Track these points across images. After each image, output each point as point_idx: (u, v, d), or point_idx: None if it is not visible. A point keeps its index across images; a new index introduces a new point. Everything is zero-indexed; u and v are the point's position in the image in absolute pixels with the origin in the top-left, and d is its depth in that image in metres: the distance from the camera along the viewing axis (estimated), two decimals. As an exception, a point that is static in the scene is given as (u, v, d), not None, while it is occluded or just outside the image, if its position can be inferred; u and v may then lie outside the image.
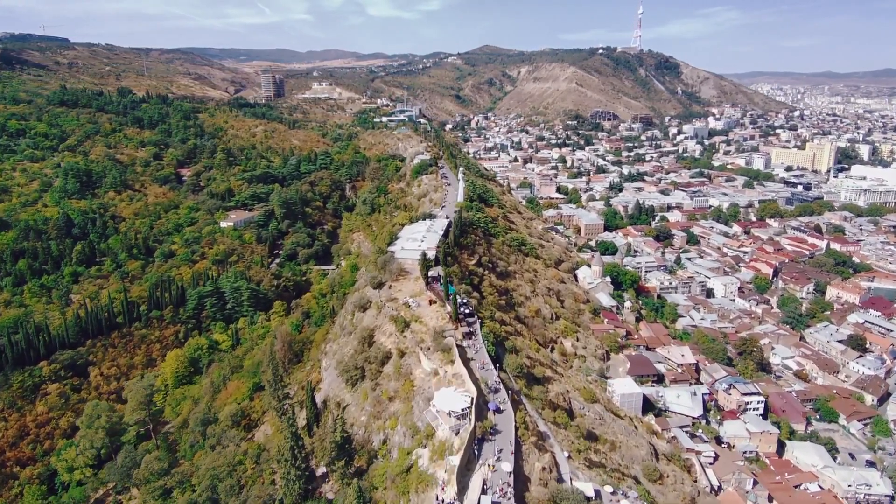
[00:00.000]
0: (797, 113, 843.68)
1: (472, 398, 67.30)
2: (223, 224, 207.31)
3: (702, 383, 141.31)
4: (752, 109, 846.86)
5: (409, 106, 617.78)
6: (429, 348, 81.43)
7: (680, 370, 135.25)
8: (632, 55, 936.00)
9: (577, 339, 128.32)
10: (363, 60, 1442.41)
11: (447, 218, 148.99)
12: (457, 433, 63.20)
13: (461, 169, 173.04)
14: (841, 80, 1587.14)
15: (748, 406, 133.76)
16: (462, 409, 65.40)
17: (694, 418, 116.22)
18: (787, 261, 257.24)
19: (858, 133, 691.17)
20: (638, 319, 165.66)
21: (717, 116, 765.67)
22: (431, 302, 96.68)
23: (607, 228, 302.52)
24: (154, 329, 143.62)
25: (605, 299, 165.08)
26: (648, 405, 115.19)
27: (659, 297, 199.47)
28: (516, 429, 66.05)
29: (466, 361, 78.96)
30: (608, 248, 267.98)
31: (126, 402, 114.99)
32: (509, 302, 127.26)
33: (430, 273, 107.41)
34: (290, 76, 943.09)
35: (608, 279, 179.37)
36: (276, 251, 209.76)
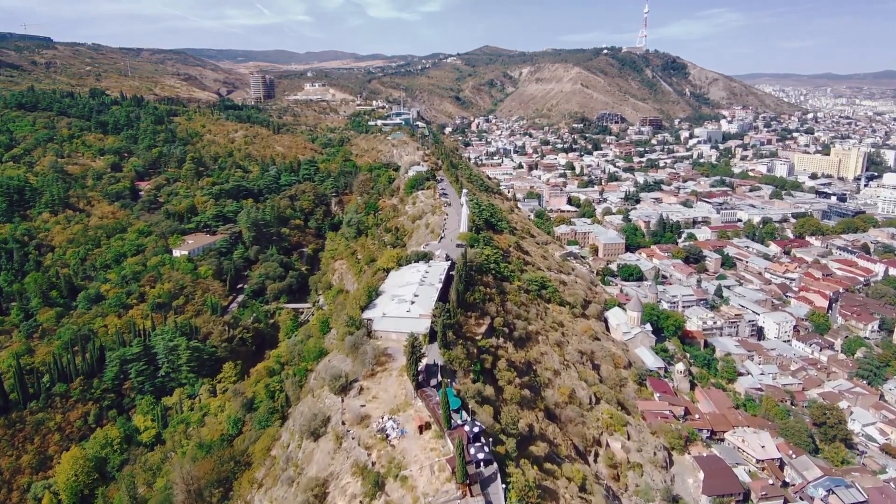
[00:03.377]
0: (811, 115, 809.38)
1: None
2: (176, 253, 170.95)
3: (788, 483, 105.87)
4: (764, 112, 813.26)
5: (407, 108, 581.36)
6: (415, 550, 45.48)
7: (766, 476, 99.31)
8: (637, 55, 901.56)
9: (629, 437, 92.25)
10: (361, 62, 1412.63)
11: (447, 259, 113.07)
12: None
13: (465, 191, 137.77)
14: (842, 82, 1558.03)
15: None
16: None
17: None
18: (841, 290, 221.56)
19: (877, 137, 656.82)
20: (692, 384, 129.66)
21: (729, 119, 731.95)
22: (423, 427, 60.69)
23: (628, 248, 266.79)
24: (56, 411, 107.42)
25: (650, 358, 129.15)
26: (740, 548, 79.42)
27: (706, 343, 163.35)
28: None
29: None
30: (632, 273, 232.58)
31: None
32: (534, 384, 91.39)
33: (423, 361, 71.77)
34: (285, 77, 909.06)
35: (648, 327, 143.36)
36: (240, 284, 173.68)
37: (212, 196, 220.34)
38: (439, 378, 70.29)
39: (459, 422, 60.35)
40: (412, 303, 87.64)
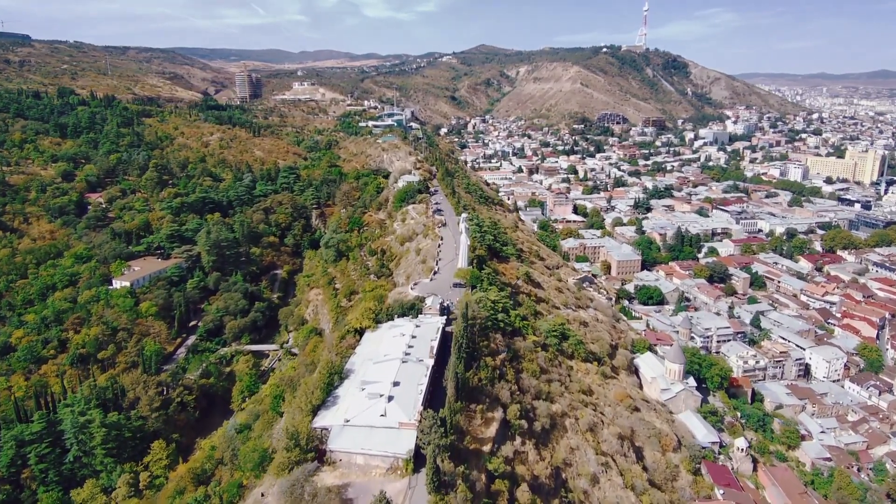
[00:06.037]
0: (816, 116, 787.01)
1: None
2: (116, 283, 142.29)
3: None
4: (769, 112, 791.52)
5: (401, 108, 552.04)
6: None
7: None
8: (637, 54, 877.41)
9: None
10: (356, 61, 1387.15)
11: (441, 313, 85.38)
12: None
13: (464, 215, 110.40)
14: (837, 82, 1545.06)
15: None
16: None
17: None
18: (888, 315, 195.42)
19: (886, 138, 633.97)
20: (754, 462, 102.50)
21: (734, 119, 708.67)
22: None
23: (644, 265, 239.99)
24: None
25: (700, 429, 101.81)
26: None
27: (754, 393, 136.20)
28: None
29: None
30: (652, 296, 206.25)
31: None
32: (566, 509, 63.91)
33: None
34: (275, 76, 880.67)
35: (692, 382, 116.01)
36: (193, 321, 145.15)
37: (171, 210, 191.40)
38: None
39: None
40: (390, 398, 59.81)
